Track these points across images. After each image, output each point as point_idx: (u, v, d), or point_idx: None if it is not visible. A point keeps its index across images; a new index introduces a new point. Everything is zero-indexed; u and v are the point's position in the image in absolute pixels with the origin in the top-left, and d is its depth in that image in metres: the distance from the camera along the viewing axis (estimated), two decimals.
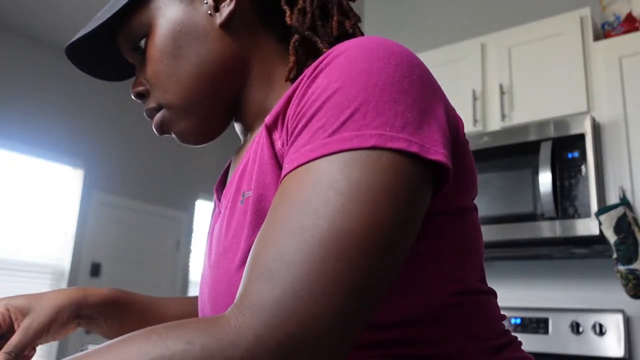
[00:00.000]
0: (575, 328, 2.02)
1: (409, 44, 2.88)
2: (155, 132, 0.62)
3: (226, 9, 0.57)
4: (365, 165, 0.39)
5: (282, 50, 0.61)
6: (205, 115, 0.60)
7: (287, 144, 0.47)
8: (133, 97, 0.62)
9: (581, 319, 2.02)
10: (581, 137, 1.90)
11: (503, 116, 2.18)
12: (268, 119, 0.50)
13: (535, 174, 1.94)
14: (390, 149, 0.40)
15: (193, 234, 5.07)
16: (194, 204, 5.11)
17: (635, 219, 1.80)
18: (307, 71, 0.47)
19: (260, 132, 0.52)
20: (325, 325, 0.36)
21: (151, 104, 0.61)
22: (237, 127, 0.65)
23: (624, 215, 1.77)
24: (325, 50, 0.56)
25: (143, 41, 0.59)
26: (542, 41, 2.17)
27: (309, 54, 0.58)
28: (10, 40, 3.96)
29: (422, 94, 0.44)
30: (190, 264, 5.01)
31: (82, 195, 4.26)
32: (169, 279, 4.79)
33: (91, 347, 0.50)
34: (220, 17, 0.57)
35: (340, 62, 0.44)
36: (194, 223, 5.09)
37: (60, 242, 4.13)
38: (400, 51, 0.45)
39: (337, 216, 0.38)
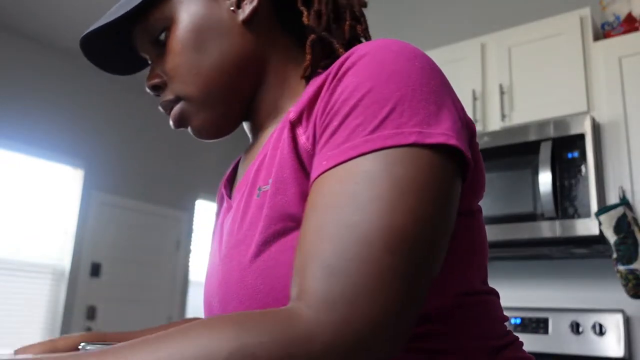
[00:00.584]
0: (575, 328, 2.02)
1: (410, 43, 2.87)
2: (172, 125, 0.63)
3: (248, 6, 0.59)
4: (407, 161, 0.41)
5: (295, 51, 0.62)
6: (223, 109, 0.61)
7: (312, 139, 0.48)
8: (148, 89, 0.63)
9: (581, 319, 2.02)
10: (581, 137, 1.90)
11: (503, 116, 2.18)
12: (292, 114, 0.51)
13: (535, 174, 1.94)
14: (429, 145, 0.42)
15: (193, 234, 5.06)
16: (194, 204, 5.11)
17: (635, 219, 1.80)
18: (332, 69, 0.49)
19: (278, 128, 0.54)
20: (388, 318, 0.37)
21: (169, 96, 0.61)
22: (247, 125, 0.66)
23: (624, 215, 1.77)
24: (341, 51, 0.59)
25: (163, 34, 0.60)
26: (542, 41, 2.17)
27: (322, 54, 0.60)
28: (10, 40, 3.96)
29: (446, 94, 0.46)
30: (190, 264, 5.01)
31: (82, 195, 4.26)
32: (169, 279, 4.79)
33: (90, 347, 0.50)
34: (242, 14, 0.59)
35: (367, 61, 0.46)
36: (194, 223, 5.09)
37: (60, 242, 4.13)
38: (420, 54, 0.48)
39: (388, 212, 0.39)
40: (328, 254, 0.39)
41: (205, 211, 5.25)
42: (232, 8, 0.59)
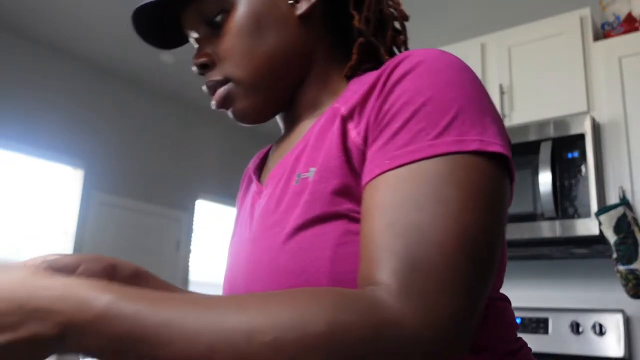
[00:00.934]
0: (575, 328, 2.02)
1: (409, 44, 2.87)
2: (214, 105, 0.64)
3: (306, 2, 0.62)
4: (470, 167, 0.44)
5: (339, 51, 0.66)
6: (268, 96, 0.63)
7: (364, 135, 0.51)
8: (195, 67, 0.64)
9: (581, 319, 2.02)
10: (581, 137, 1.90)
11: (503, 116, 2.18)
12: (344, 110, 0.54)
13: (535, 174, 1.94)
14: (487, 154, 0.45)
15: (193, 234, 5.06)
16: (194, 204, 5.11)
17: (635, 219, 1.80)
18: (384, 71, 0.51)
19: (322, 121, 0.57)
20: (464, 315, 0.40)
21: (217, 76, 0.62)
22: (281, 115, 0.68)
23: (624, 215, 1.77)
24: (386, 57, 0.63)
25: (220, 16, 0.61)
26: (542, 41, 2.17)
27: (365, 57, 0.64)
28: (10, 40, 3.96)
29: (492, 107, 0.50)
30: (190, 264, 5.01)
31: (82, 195, 4.26)
32: (169, 279, 4.78)
33: None
34: (300, 9, 0.62)
35: (426, 69, 0.49)
36: (194, 223, 5.09)
37: (60, 242, 4.13)
38: (468, 67, 0.51)
39: (457, 214, 0.42)
40: (405, 251, 0.41)
41: (205, 211, 5.25)
42: (290, 2, 0.62)
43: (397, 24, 0.68)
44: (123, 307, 0.37)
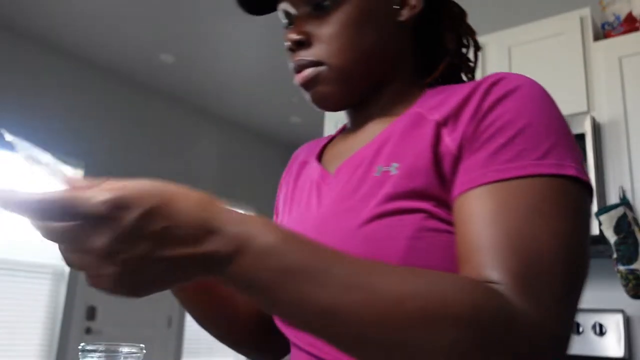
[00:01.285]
0: (575, 328, 2.02)
1: None
2: (297, 82, 0.66)
3: (409, 11, 0.66)
4: (569, 190, 0.49)
5: (418, 64, 0.70)
6: (351, 89, 0.66)
7: (458, 142, 0.54)
8: (289, 42, 0.65)
9: (581, 319, 2.02)
10: (581, 137, 1.90)
11: None
12: (438, 116, 0.57)
13: None
14: (583, 181, 0.50)
15: None
16: None
17: (635, 219, 1.80)
18: (478, 87, 0.55)
19: (404, 122, 0.61)
20: (569, 325, 0.46)
21: (310, 57, 0.64)
22: (351, 111, 0.71)
23: (624, 215, 1.77)
24: (467, 77, 0.71)
25: (329, 1, 0.63)
26: (542, 41, 2.17)
27: (445, 73, 0.70)
28: (10, 40, 3.96)
29: (575, 139, 0.55)
30: None
31: None
32: None
33: (91, 347, 0.49)
34: (403, 15, 0.66)
35: (525, 95, 0.54)
36: None
37: None
38: (553, 99, 0.56)
39: (562, 230, 0.47)
40: (519, 257, 0.45)
41: None
42: (396, 7, 0.65)
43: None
44: (291, 245, 0.42)
